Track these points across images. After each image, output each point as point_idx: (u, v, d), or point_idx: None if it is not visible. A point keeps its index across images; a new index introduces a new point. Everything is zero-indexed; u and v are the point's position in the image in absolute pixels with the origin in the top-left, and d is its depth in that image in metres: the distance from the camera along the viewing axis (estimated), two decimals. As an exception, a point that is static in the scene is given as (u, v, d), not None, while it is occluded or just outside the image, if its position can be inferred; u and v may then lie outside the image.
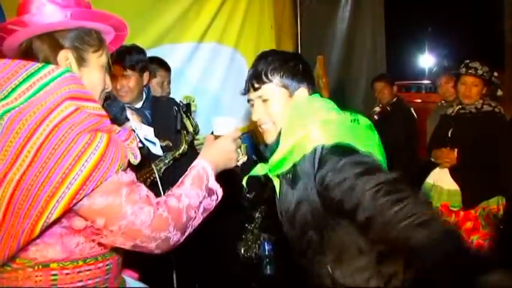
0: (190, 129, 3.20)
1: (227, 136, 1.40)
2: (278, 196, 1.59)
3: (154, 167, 2.16)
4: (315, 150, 1.36)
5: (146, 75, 2.48)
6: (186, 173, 1.27)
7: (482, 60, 3.03)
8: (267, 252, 3.09)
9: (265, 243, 3.09)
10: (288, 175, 1.48)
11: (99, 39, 1.23)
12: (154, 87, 2.94)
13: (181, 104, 3.25)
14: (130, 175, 1.17)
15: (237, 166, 1.44)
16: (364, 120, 1.49)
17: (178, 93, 3.38)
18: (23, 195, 1.02)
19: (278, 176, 1.55)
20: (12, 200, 1.03)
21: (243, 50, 3.99)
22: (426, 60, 25.34)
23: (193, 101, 3.60)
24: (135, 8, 3.20)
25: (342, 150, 1.31)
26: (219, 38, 3.82)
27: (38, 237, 1.07)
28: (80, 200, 1.05)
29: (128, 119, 1.55)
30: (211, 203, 1.27)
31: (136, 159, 1.24)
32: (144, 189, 1.16)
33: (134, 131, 1.48)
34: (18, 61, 1.11)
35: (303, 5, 4.70)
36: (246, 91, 1.56)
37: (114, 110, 1.51)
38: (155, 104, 2.51)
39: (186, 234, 1.19)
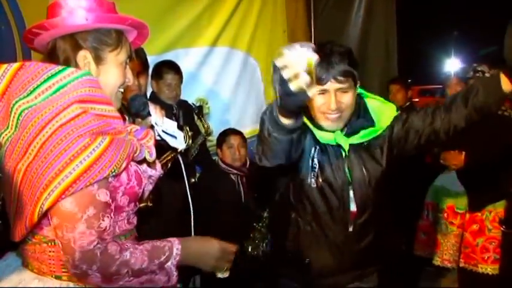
0: (202, 130, 3.30)
1: (224, 247, 1.37)
2: (350, 169, 1.76)
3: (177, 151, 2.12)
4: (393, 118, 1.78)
5: None
6: (157, 240, 1.29)
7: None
8: (274, 251, 3.15)
9: (273, 241, 3.15)
10: (367, 143, 1.76)
11: (118, 38, 1.32)
12: (162, 89, 3.02)
13: (193, 105, 3.35)
14: (108, 197, 1.20)
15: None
16: None
17: (191, 96, 3.48)
18: (28, 183, 1.16)
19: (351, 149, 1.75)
20: (21, 187, 1.17)
21: (256, 55, 4.07)
22: (452, 65, 24.87)
23: (206, 104, 3.69)
24: (148, 13, 3.26)
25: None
26: (232, 42, 3.89)
27: (40, 221, 1.18)
28: (69, 195, 1.13)
29: (149, 114, 1.58)
30: (159, 281, 1.25)
31: (151, 157, 1.34)
32: (107, 222, 1.20)
33: (153, 126, 1.54)
34: (41, 64, 1.23)
35: (317, 10, 4.73)
36: (325, 82, 1.64)
37: (136, 104, 1.52)
38: None
39: (110, 285, 1.19)
